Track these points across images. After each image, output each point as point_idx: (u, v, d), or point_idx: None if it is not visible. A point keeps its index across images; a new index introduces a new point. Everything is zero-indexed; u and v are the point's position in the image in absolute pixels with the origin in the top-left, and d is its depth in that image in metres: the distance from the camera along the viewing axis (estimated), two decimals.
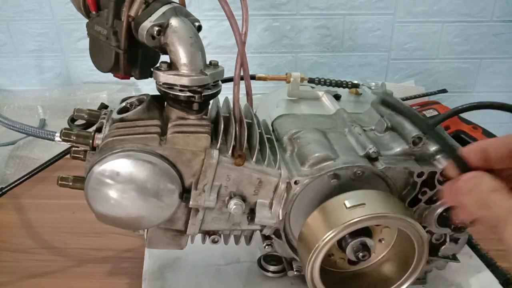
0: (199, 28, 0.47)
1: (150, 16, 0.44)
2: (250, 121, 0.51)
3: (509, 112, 0.49)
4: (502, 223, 0.28)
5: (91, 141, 0.46)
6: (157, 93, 0.47)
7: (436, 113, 0.93)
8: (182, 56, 0.45)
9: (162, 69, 0.45)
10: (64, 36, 1.04)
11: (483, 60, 1.07)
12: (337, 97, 0.65)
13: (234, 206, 0.47)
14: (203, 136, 0.45)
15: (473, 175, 0.31)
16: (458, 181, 0.32)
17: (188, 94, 0.45)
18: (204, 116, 0.47)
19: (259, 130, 0.50)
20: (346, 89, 0.69)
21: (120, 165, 0.43)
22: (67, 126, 0.50)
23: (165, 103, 0.48)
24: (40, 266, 0.61)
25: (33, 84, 1.08)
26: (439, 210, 0.50)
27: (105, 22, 0.47)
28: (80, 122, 0.51)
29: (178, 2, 0.47)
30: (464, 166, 0.32)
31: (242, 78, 0.48)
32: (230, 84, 0.47)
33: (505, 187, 0.30)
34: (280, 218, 0.49)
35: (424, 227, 0.51)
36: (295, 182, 0.47)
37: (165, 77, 0.45)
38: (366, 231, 0.46)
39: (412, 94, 1.01)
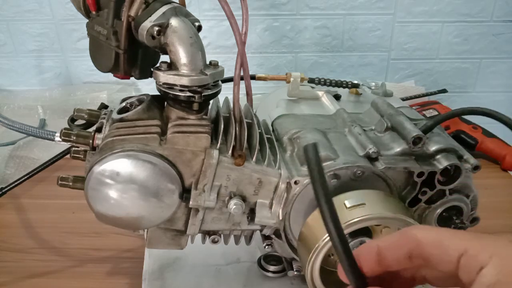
0: (199, 28, 0.47)
1: (150, 16, 0.44)
2: (250, 121, 0.51)
3: (491, 118, 0.48)
4: None
5: (91, 141, 0.47)
6: (157, 93, 0.47)
7: (436, 113, 0.93)
8: (182, 56, 0.45)
9: (162, 69, 0.45)
10: (64, 36, 1.04)
11: (483, 60, 1.07)
12: (337, 97, 0.65)
13: (234, 206, 0.47)
14: (203, 136, 0.45)
15: None
16: None
17: (188, 94, 0.45)
18: (204, 116, 0.47)
19: (259, 130, 0.50)
20: (346, 89, 0.69)
21: (120, 165, 0.43)
22: (67, 126, 0.50)
23: (165, 103, 0.48)
24: (40, 266, 0.61)
25: (33, 84, 1.08)
26: (439, 210, 0.51)
27: (105, 22, 0.47)
28: (80, 122, 0.51)
29: (178, 2, 0.47)
30: (358, 277, 0.28)
31: (242, 78, 0.48)
32: (230, 84, 0.47)
33: None
34: (280, 218, 0.49)
35: None
36: (295, 182, 0.47)
37: (165, 77, 0.45)
38: (366, 231, 0.46)
39: (412, 94, 1.01)
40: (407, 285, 0.31)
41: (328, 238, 0.43)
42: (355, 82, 0.69)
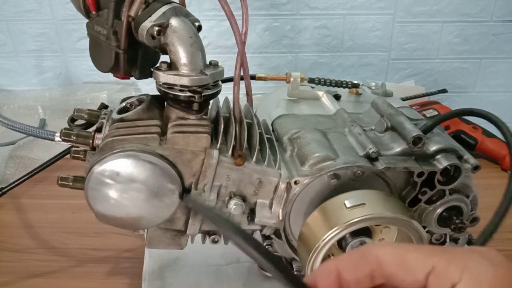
0: (199, 28, 0.47)
1: (150, 16, 0.44)
2: (250, 121, 0.51)
3: (487, 120, 0.48)
4: None
5: (91, 141, 0.47)
6: (157, 93, 0.47)
7: (436, 113, 0.93)
8: (182, 56, 0.45)
9: (162, 69, 0.45)
10: (64, 36, 1.04)
11: (483, 60, 1.07)
12: (337, 97, 0.65)
13: (234, 206, 0.47)
14: (203, 136, 0.45)
15: None
16: None
17: (188, 94, 0.45)
18: (204, 116, 0.47)
19: (259, 130, 0.50)
20: (346, 89, 0.69)
21: (120, 165, 0.43)
22: (67, 126, 0.50)
23: (165, 103, 0.48)
24: (40, 266, 0.61)
25: (33, 84, 1.08)
26: (439, 210, 0.50)
27: (105, 22, 0.47)
28: (80, 122, 0.51)
29: (178, 2, 0.47)
30: None
31: (242, 78, 0.48)
32: (230, 84, 0.47)
33: None
34: (280, 218, 0.49)
35: (424, 227, 0.51)
36: (295, 182, 0.47)
37: (165, 77, 0.45)
38: (366, 231, 0.46)
39: (412, 94, 1.01)
40: None
41: (328, 238, 0.43)
42: (355, 82, 0.69)
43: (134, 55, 0.47)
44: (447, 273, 0.24)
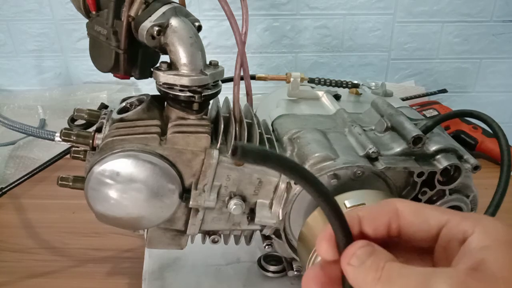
0: (199, 28, 0.47)
1: (150, 16, 0.44)
2: (250, 121, 0.51)
3: (482, 122, 0.48)
4: None
5: (91, 141, 0.47)
6: (157, 93, 0.48)
7: (436, 113, 0.93)
8: (182, 56, 0.45)
9: (162, 69, 0.45)
10: (64, 36, 1.04)
11: (483, 60, 1.07)
12: (337, 97, 0.65)
13: (234, 206, 0.47)
14: (203, 136, 0.45)
15: (364, 244, 0.26)
16: (348, 250, 0.26)
17: (188, 94, 0.45)
18: (204, 116, 0.47)
19: (259, 130, 0.50)
20: (346, 89, 0.69)
21: (120, 165, 0.43)
22: (67, 126, 0.50)
23: (165, 103, 0.48)
24: (40, 266, 0.61)
25: (33, 84, 1.08)
26: None
27: (105, 22, 0.47)
28: (80, 122, 0.51)
29: (178, 2, 0.47)
30: (349, 236, 0.27)
31: (242, 78, 0.48)
32: (230, 84, 0.47)
33: (396, 259, 0.26)
34: (280, 218, 0.49)
35: None
36: (295, 182, 0.47)
37: (165, 77, 0.45)
38: None
39: (412, 94, 1.01)
40: None
41: None
42: (355, 82, 0.69)
43: (134, 55, 0.47)
44: (460, 226, 0.26)
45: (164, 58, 0.48)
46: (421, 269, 0.24)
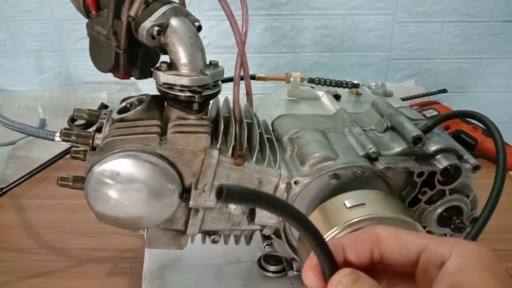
0: (199, 28, 0.47)
1: (150, 16, 0.44)
2: (250, 121, 0.51)
3: (479, 122, 0.49)
4: None
5: (91, 141, 0.47)
6: (157, 93, 0.47)
7: (436, 113, 0.93)
8: (182, 56, 0.45)
9: (162, 69, 0.45)
10: (64, 36, 1.04)
11: (483, 60, 1.07)
12: (337, 97, 0.65)
13: (234, 206, 0.47)
14: (203, 136, 0.45)
15: (348, 272, 0.27)
16: (333, 278, 0.27)
17: (188, 94, 0.45)
18: (204, 116, 0.47)
19: (259, 130, 0.50)
20: (346, 89, 0.69)
21: (120, 165, 0.43)
22: (67, 126, 0.50)
23: (165, 103, 0.48)
24: (40, 266, 0.61)
25: (33, 84, 1.08)
26: (439, 210, 0.50)
27: (105, 22, 0.47)
28: (80, 122, 0.51)
29: (178, 2, 0.47)
30: (334, 265, 0.28)
31: (242, 78, 0.48)
32: (230, 84, 0.47)
33: (379, 285, 0.28)
34: (280, 218, 0.49)
35: (424, 227, 0.51)
36: (295, 182, 0.47)
37: (165, 77, 0.45)
38: None
39: (412, 94, 1.01)
40: None
41: (328, 238, 0.43)
42: (355, 82, 0.69)
43: (134, 55, 0.47)
44: (437, 250, 0.27)
45: (164, 58, 0.48)
46: None
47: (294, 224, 0.26)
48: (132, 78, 0.49)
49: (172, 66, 0.46)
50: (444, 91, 1.06)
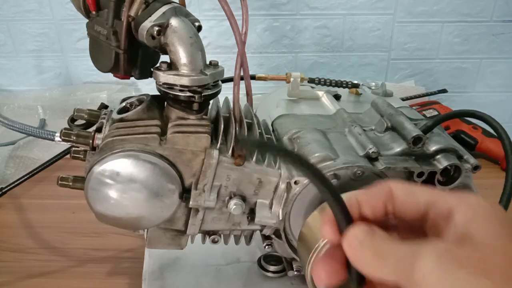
0: (199, 28, 0.47)
1: (150, 16, 0.44)
2: (250, 121, 0.51)
3: (484, 122, 0.49)
4: (406, 270, 0.25)
5: (91, 141, 0.47)
6: (157, 93, 0.48)
7: (436, 113, 0.93)
8: (182, 56, 0.45)
9: (162, 69, 0.45)
10: (64, 36, 1.04)
11: (483, 60, 1.07)
12: (337, 97, 0.65)
13: (234, 206, 0.47)
14: (203, 136, 0.45)
15: (362, 225, 0.28)
16: (348, 232, 0.28)
17: (188, 94, 0.45)
18: (204, 116, 0.47)
19: (259, 130, 0.50)
20: (346, 89, 0.69)
21: (120, 165, 0.43)
22: (67, 126, 0.50)
23: (165, 103, 0.48)
24: (40, 266, 0.61)
25: (33, 84, 1.08)
26: None
27: (105, 22, 0.47)
28: (80, 122, 0.52)
29: (178, 2, 0.47)
30: (348, 218, 0.29)
31: (242, 78, 0.48)
32: (230, 84, 0.47)
33: (392, 237, 0.28)
34: (280, 218, 0.49)
35: None
36: (295, 182, 0.47)
37: (165, 77, 0.45)
38: None
39: (412, 94, 1.01)
40: None
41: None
42: (355, 82, 0.69)
43: (134, 55, 0.47)
44: (446, 203, 0.28)
45: (164, 58, 0.48)
46: (410, 242, 0.26)
47: (308, 175, 0.28)
48: (132, 78, 0.49)
49: (172, 66, 0.46)
50: (444, 91, 1.06)
